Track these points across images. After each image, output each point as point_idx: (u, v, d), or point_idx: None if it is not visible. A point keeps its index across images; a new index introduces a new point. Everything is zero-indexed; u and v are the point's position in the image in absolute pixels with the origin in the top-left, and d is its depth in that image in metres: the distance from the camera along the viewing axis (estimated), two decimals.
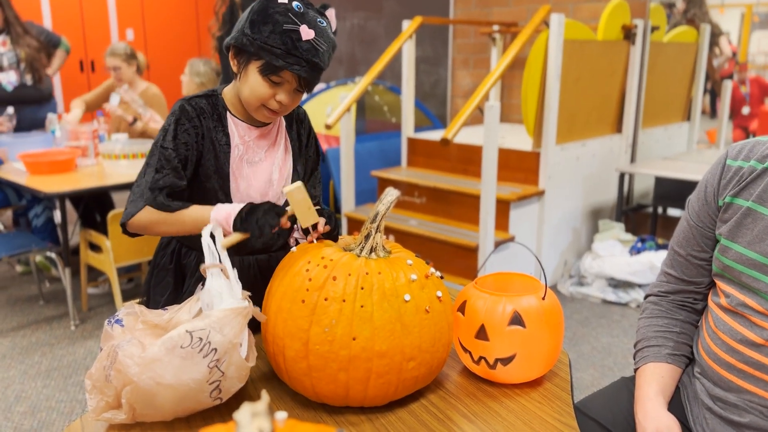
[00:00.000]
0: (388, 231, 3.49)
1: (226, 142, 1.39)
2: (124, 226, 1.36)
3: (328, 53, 1.33)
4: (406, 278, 1.19)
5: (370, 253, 1.24)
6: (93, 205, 4.04)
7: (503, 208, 3.28)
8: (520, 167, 3.52)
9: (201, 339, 1.09)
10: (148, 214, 1.32)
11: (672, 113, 4.32)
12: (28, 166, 3.34)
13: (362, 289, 1.15)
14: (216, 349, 1.10)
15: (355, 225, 3.69)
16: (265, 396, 0.56)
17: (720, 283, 1.21)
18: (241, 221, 1.24)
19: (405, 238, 3.43)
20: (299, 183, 1.25)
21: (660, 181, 3.66)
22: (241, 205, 1.26)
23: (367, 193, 4.02)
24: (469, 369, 1.33)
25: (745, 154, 1.18)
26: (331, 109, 4.30)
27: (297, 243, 1.44)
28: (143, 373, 1.07)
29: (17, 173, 3.37)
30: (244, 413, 0.54)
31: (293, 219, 1.31)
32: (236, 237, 1.25)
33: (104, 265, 3.16)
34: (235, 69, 1.36)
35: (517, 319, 1.24)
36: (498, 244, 3.19)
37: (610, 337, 3.08)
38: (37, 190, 3.09)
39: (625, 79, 3.87)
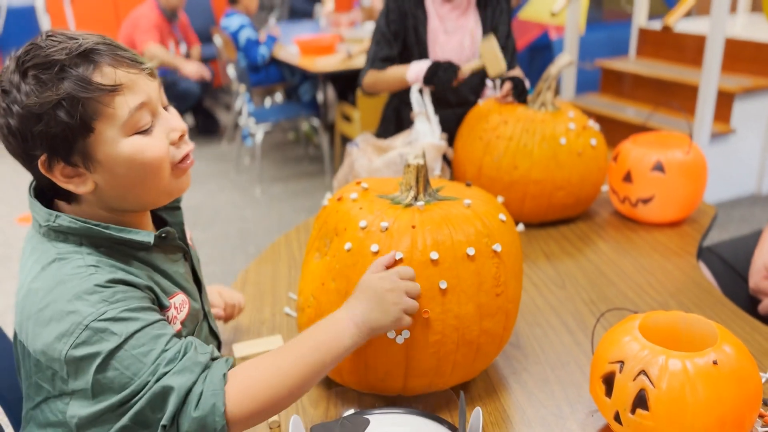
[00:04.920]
0: (604, 119, 3.62)
1: (424, 16, 1.82)
2: (361, 87, 1.91)
3: None
4: (565, 127, 1.52)
5: (540, 106, 1.58)
6: (347, 84, 4.76)
7: (726, 100, 3.20)
8: (755, 59, 3.33)
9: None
10: (370, 76, 1.87)
11: None
12: (301, 49, 4.10)
13: (527, 131, 1.51)
14: None
15: None
16: None
17: None
18: (430, 75, 1.66)
19: (616, 126, 3.53)
20: (490, 35, 1.63)
21: None
22: (429, 63, 1.68)
23: (590, 83, 4.11)
24: (617, 210, 1.63)
25: None
26: None
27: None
28: (369, 177, 1.58)
29: (291, 55, 4.16)
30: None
31: (483, 73, 1.70)
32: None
33: (353, 132, 3.85)
34: None
35: (658, 167, 1.49)
36: (714, 136, 3.17)
37: None
38: (305, 69, 3.83)
39: None
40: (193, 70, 4.39)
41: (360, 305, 0.83)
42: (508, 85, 1.64)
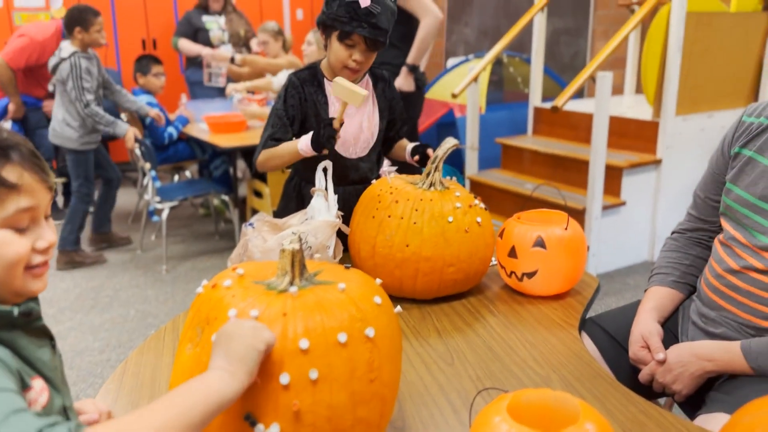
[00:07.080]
0: (504, 193, 3.79)
1: (324, 101, 1.85)
2: (255, 166, 1.91)
3: (386, 15, 1.72)
4: (452, 206, 1.57)
5: (429, 186, 1.63)
6: None
7: (615, 174, 3.43)
8: (639, 136, 3.62)
9: (301, 238, 1.57)
10: (263, 155, 1.86)
11: None
12: (210, 126, 4.10)
13: (416, 210, 1.55)
14: (311, 247, 1.57)
15: (476, 187, 4.03)
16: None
17: (723, 221, 1.43)
18: (315, 142, 1.70)
19: (517, 199, 3.70)
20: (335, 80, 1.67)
21: None
22: (310, 133, 1.71)
23: (492, 159, 4.32)
24: (506, 282, 1.68)
25: (758, 112, 1.38)
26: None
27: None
28: (263, 258, 1.56)
29: (202, 131, 4.15)
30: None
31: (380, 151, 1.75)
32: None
33: (263, 207, 3.84)
34: (324, 42, 1.82)
35: (540, 242, 1.56)
36: (606, 209, 3.37)
37: None
38: (216, 145, 3.82)
39: (763, 51, 3.75)
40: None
41: (216, 352, 0.83)
42: (430, 152, 1.80)
